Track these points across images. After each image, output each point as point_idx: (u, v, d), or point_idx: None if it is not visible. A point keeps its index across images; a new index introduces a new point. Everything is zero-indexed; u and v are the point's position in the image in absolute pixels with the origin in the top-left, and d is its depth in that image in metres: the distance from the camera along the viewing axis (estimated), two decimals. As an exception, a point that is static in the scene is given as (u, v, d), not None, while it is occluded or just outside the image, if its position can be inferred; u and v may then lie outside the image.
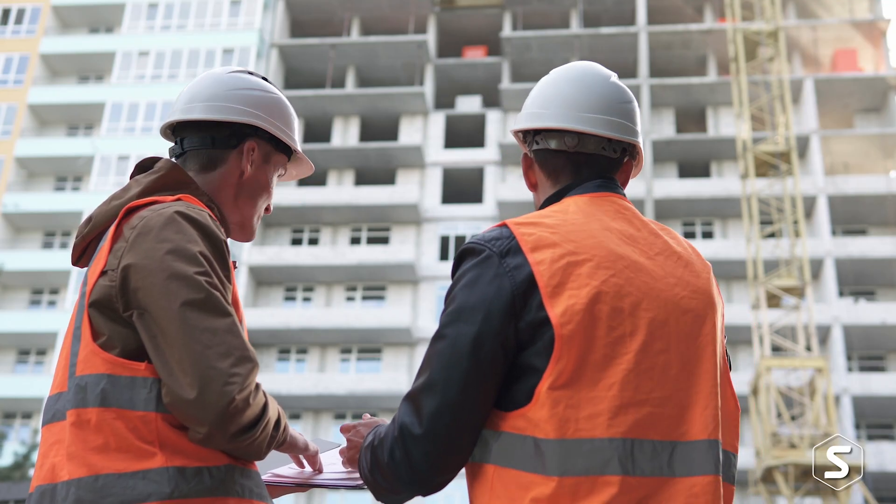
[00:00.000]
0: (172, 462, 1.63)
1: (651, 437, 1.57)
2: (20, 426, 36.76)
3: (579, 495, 1.51)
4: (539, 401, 1.55)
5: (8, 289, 39.31)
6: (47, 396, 1.80)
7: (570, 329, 1.56)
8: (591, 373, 1.56)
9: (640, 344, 1.60)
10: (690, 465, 1.58)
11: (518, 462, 1.56)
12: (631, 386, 1.57)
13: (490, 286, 1.61)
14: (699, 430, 1.60)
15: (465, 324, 1.60)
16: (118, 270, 1.71)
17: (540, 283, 1.59)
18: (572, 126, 1.81)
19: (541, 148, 1.85)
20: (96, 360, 1.68)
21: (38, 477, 1.72)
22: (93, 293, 1.73)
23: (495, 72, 42.67)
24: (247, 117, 1.93)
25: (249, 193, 1.97)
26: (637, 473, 1.54)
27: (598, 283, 1.60)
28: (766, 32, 34.67)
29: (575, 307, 1.57)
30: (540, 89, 1.89)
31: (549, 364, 1.56)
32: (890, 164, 40.47)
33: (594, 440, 1.54)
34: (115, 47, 42.70)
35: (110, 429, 1.64)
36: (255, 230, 2.01)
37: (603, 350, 1.57)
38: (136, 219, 1.76)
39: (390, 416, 33.11)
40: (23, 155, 40.85)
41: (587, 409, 1.54)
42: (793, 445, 27.70)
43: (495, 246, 1.65)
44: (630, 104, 1.85)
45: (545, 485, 1.53)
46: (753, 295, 30.58)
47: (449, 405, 1.59)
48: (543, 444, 1.54)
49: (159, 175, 1.87)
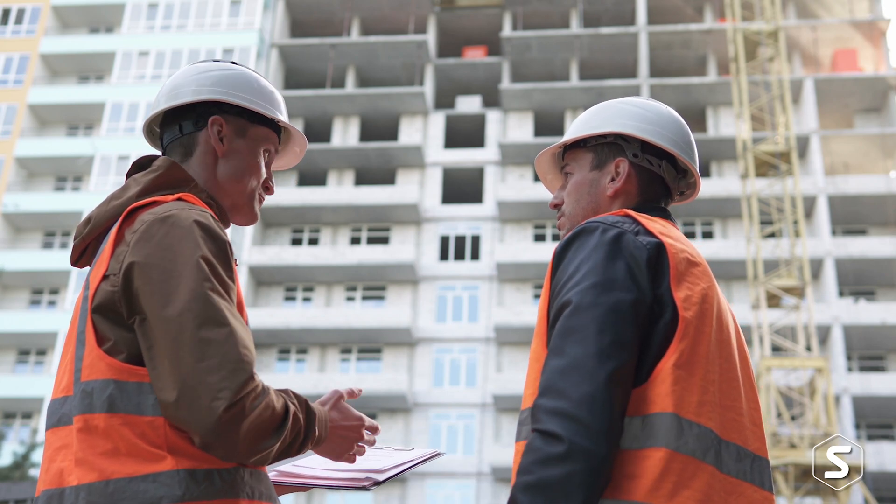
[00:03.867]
0: (182, 465, 1.62)
1: (736, 441, 1.63)
2: (20, 426, 36.74)
3: (685, 475, 1.54)
4: (660, 377, 1.58)
5: (8, 289, 39.30)
6: (50, 399, 1.79)
7: (691, 313, 1.62)
8: (703, 363, 1.61)
9: (728, 353, 1.69)
10: (763, 477, 1.66)
11: (635, 441, 1.56)
12: (723, 388, 1.64)
13: (630, 258, 1.62)
14: (765, 449, 1.70)
15: (621, 291, 1.59)
16: (120, 275, 1.69)
17: (672, 263, 1.64)
18: (697, 174, 1.94)
19: (654, 171, 1.89)
20: (102, 365, 1.67)
21: (44, 481, 1.72)
22: (96, 297, 1.71)
23: (495, 72, 42.66)
24: (203, 95, 1.90)
25: (231, 169, 1.91)
26: (724, 471, 1.59)
27: (706, 285, 1.67)
28: (766, 32, 34.67)
29: (692, 298, 1.63)
30: (670, 117, 1.92)
31: (674, 342, 1.59)
32: (890, 164, 40.46)
33: (701, 426, 1.57)
34: (115, 47, 42.68)
35: (119, 434, 1.64)
36: (255, 211, 1.95)
37: (708, 346, 1.63)
38: (138, 222, 1.74)
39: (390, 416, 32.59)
40: (23, 155, 40.83)
41: (697, 396, 1.59)
42: (793, 445, 27.70)
43: (624, 226, 1.68)
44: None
45: (658, 457, 1.54)
46: (753, 295, 30.58)
47: (622, 370, 1.55)
48: (659, 418, 1.55)
49: (158, 174, 1.85)
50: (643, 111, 1.90)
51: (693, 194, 1.97)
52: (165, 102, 1.92)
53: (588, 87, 40.47)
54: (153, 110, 1.95)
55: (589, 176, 1.89)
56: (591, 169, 1.89)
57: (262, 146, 1.96)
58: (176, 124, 1.92)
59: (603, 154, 1.89)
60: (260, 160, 1.95)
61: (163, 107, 1.92)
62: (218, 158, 1.91)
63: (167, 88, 1.95)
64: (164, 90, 1.95)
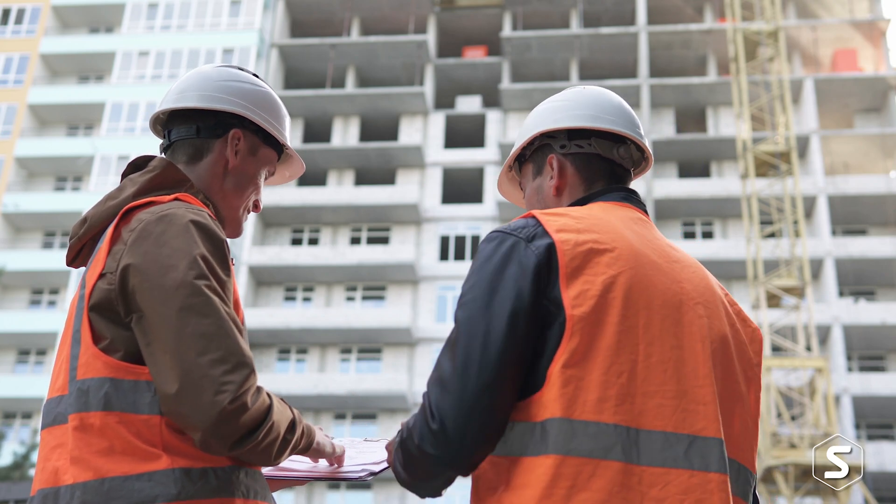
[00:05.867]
0: (178, 463, 1.63)
1: (661, 427, 1.57)
2: (20, 426, 36.75)
3: (581, 478, 1.51)
4: (550, 381, 1.56)
5: (8, 289, 39.31)
6: (46, 399, 1.79)
7: (582, 311, 1.58)
8: (603, 357, 1.57)
9: (652, 337, 1.62)
10: (707, 460, 1.58)
11: (524, 448, 1.57)
12: (640, 376, 1.58)
13: (518, 266, 1.62)
14: (716, 429, 1.61)
15: (499, 302, 1.60)
16: (117, 273, 1.70)
17: (561, 262, 1.61)
18: (633, 136, 1.89)
19: (586, 152, 1.87)
20: (98, 363, 1.68)
21: (39, 480, 1.72)
22: (92, 296, 1.71)
23: (495, 72, 42.67)
24: (232, 106, 1.92)
25: (236, 183, 1.95)
26: (644, 463, 1.54)
27: (615, 272, 1.62)
28: (766, 32, 34.67)
29: (588, 292, 1.59)
30: (585, 95, 1.92)
31: (562, 343, 1.57)
32: (890, 164, 40.46)
33: (600, 424, 1.54)
34: (115, 47, 42.69)
35: (114, 432, 1.64)
36: (242, 227, 2.00)
37: (615, 337, 1.59)
38: (135, 221, 1.74)
39: (390, 416, 32.75)
40: (23, 155, 40.85)
41: (596, 393, 1.55)
42: (793, 445, 27.70)
43: (522, 233, 1.67)
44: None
45: (545, 465, 1.53)
46: (753, 295, 30.58)
47: (486, 385, 1.57)
48: (549, 423, 1.54)
49: (154, 174, 1.86)
50: (557, 103, 1.92)
51: (646, 161, 1.95)
52: (189, 101, 1.92)
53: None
54: (177, 103, 1.93)
55: (534, 184, 1.93)
56: (534, 177, 1.92)
57: (266, 167, 2.01)
58: (193, 124, 1.93)
59: (538, 159, 1.92)
60: (261, 180, 2.00)
61: (185, 104, 1.92)
62: (227, 169, 1.94)
63: (192, 87, 1.94)
64: (188, 88, 1.95)
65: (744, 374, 1.73)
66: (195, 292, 1.65)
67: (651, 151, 1.91)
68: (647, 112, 40.28)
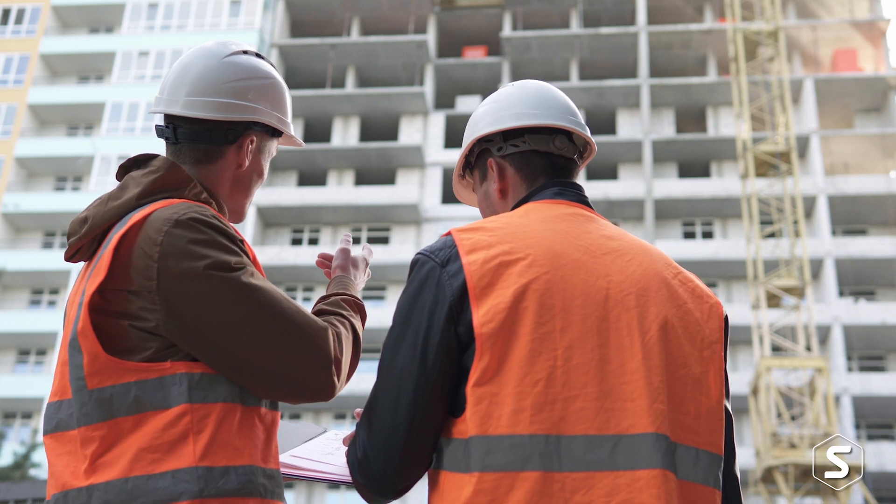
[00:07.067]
0: (201, 462, 1.63)
1: (584, 431, 1.55)
2: (20, 426, 36.76)
3: (499, 492, 1.51)
4: (467, 402, 1.57)
5: (8, 289, 39.32)
6: (47, 403, 1.78)
7: (490, 327, 1.57)
8: (516, 369, 1.56)
9: (571, 340, 1.59)
10: (635, 458, 1.55)
11: (457, 465, 1.58)
12: (559, 381, 1.56)
13: (432, 296, 1.63)
14: (646, 423, 1.57)
15: (411, 335, 1.63)
16: (156, 293, 1.68)
17: (469, 285, 1.61)
18: (568, 126, 1.87)
19: (522, 150, 1.87)
20: (117, 370, 1.66)
21: (53, 486, 1.71)
22: (101, 302, 1.69)
23: (495, 72, 42.67)
24: (247, 114, 1.89)
25: (246, 183, 1.95)
26: (566, 469, 1.52)
27: (527, 280, 1.61)
28: (766, 32, 34.67)
29: (499, 306, 1.58)
30: (513, 93, 1.92)
31: (473, 363, 1.57)
32: (890, 164, 40.47)
33: (514, 436, 1.53)
34: (115, 47, 42.70)
35: (142, 432, 1.64)
36: (245, 214, 2.02)
37: (529, 346, 1.57)
38: (155, 232, 1.71)
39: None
40: (23, 155, 40.86)
41: (511, 406, 1.54)
42: (793, 445, 27.70)
43: (438, 256, 1.67)
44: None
45: (468, 482, 1.53)
46: (753, 295, 30.59)
47: (401, 419, 1.61)
48: (471, 441, 1.55)
49: (158, 175, 1.81)
50: (489, 105, 1.92)
51: (588, 150, 1.93)
52: (209, 111, 1.86)
53: (588, 87, 40.49)
54: (187, 109, 1.86)
55: (482, 189, 1.93)
56: (481, 182, 1.93)
57: (270, 156, 2.01)
58: (203, 128, 1.88)
59: (481, 165, 1.93)
60: (266, 170, 2.00)
61: (198, 114, 1.85)
62: (237, 172, 1.93)
63: (201, 88, 1.86)
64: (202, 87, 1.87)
65: (698, 355, 1.67)
66: (257, 294, 1.72)
67: (591, 137, 1.89)
68: (647, 112, 40.28)
